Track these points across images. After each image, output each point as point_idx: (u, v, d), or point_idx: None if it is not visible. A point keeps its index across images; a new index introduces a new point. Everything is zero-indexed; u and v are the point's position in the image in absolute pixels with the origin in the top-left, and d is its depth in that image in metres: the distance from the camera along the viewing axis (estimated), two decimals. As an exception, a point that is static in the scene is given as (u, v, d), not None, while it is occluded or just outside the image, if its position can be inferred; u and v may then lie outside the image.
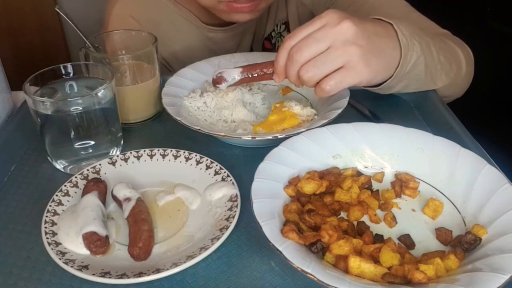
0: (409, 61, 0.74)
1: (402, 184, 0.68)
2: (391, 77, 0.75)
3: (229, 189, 0.67)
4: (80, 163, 0.75)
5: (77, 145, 0.73)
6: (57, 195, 0.67)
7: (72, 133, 0.72)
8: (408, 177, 0.68)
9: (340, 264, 0.54)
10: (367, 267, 0.53)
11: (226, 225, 0.61)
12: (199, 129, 0.73)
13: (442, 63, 0.83)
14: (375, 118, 0.86)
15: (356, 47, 0.68)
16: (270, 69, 0.76)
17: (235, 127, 0.81)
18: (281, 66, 0.73)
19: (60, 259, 0.57)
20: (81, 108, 0.70)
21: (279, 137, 0.71)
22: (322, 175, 0.67)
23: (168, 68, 1.11)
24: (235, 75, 0.79)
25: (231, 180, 0.68)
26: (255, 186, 0.60)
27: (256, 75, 0.78)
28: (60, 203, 0.66)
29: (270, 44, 1.20)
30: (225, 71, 0.80)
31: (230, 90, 0.85)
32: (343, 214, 0.64)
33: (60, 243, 0.60)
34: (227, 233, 0.60)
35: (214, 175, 0.70)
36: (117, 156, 0.75)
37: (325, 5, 1.10)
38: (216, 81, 0.81)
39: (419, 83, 0.84)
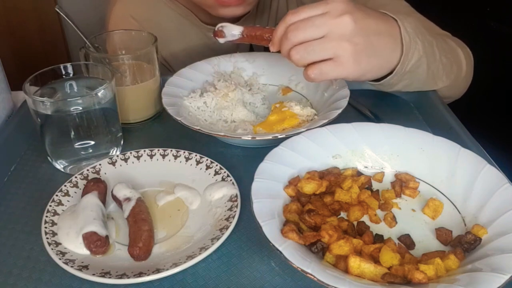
0: (410, 59, 0.75)
1: (402, 184, 0.68)
2: (391, 73, 0.75)
3: (229, 189, 0.67)
4: (80, 163, 0.75)
5: (77, 145, 0.73)
6: (57, 195, 0.67)
7: (72, 133, 0.72)
8: (408, 177, 0.68)
9: (340, 264, 0.54)
10: (367, 267, 0.53)
11: (226, 225, 0.61)
12: (199, 129, 0.73)
13: (443, 63, 0.83)
14: (375, 118, 0.86)
15: (350, 44, 0.68)
16: (269, 36, 0.76)
17: (235, 127, 0.81)
18: (277, 38, 0.73)
19: (60, 259, 0.57)
20: (81, 108, 0.70)
21: (279, 137, 0.71)
22: (322, 175, 0.67)
23: (168, 68, 1.11)
24: (236, 32, 0.79)
25: (231, 180, 0.68)
26: (255, 186, 0.60)
27: (255, 35, 0.78)
28: (60, 203, 0.66)
29: None
30: (226, 26, 0.80)
31: (230, 90, 0.85)
32: (343, 214, 0.64)
33: (60, 243, 0.60)
34: (227, 233, 0.60)
35: (214, 175, 0.70)
36: (117, 156, 0.75)
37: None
38: (216, 34, 0.81)
39: (420, 82, 0.84)
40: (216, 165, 0.71)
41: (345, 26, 0.68)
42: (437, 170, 0.67)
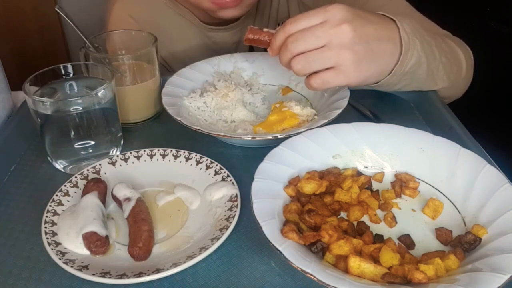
0: (409, 59, 0.75)
1: (402, 184, 0.68)
2: (390, 73, 0.75)
3: (229, 189, 0.67)
4: (80, 163, 0.75)
5: (77, 145, 0.73)
6: (57, 195, 0.67)
7: (72, 133, 0.72)
8: (408, 177, 0.68)
9: (340, 264, 0.54)
10: (367, 267, 0.53)
11: (226, 225, 0.61)
12: (199, 129, 0.73)
13: (443, 63, 0.83)
14: (375, 118, 0.86)
15: (350, 52, 0.69)
16: (268, 39, 0.75)
17: (235, 127, 0.81)
18: (276, 46, 0.73)
19: (60, 259, 0.57)
20: (81, 108, 0.70)
21: (279, 137, 0.70)
22: (322, 175, 0.67)
23: (168, 68, 1.11)
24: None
25: (231, 180, 0.68)
26: (255, 186, 0.60)
27: (253, 39, 0.77)
28: (60, 203, 0.66)
29: None
30: None
31: (230, 90, 0.85)
32: (343, 214, 0.64)
33: (60, 243, 0.60)
34: (227, 233, 0.60)
35: (214, 175, 0.70)
36: (117, 156, 0.74)
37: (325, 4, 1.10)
38: None
39: (420, 82, 0.84)
40: (216, 165, 0.71)
41: (344, 35, 0.68)
42: (437, 170, 0.67)
